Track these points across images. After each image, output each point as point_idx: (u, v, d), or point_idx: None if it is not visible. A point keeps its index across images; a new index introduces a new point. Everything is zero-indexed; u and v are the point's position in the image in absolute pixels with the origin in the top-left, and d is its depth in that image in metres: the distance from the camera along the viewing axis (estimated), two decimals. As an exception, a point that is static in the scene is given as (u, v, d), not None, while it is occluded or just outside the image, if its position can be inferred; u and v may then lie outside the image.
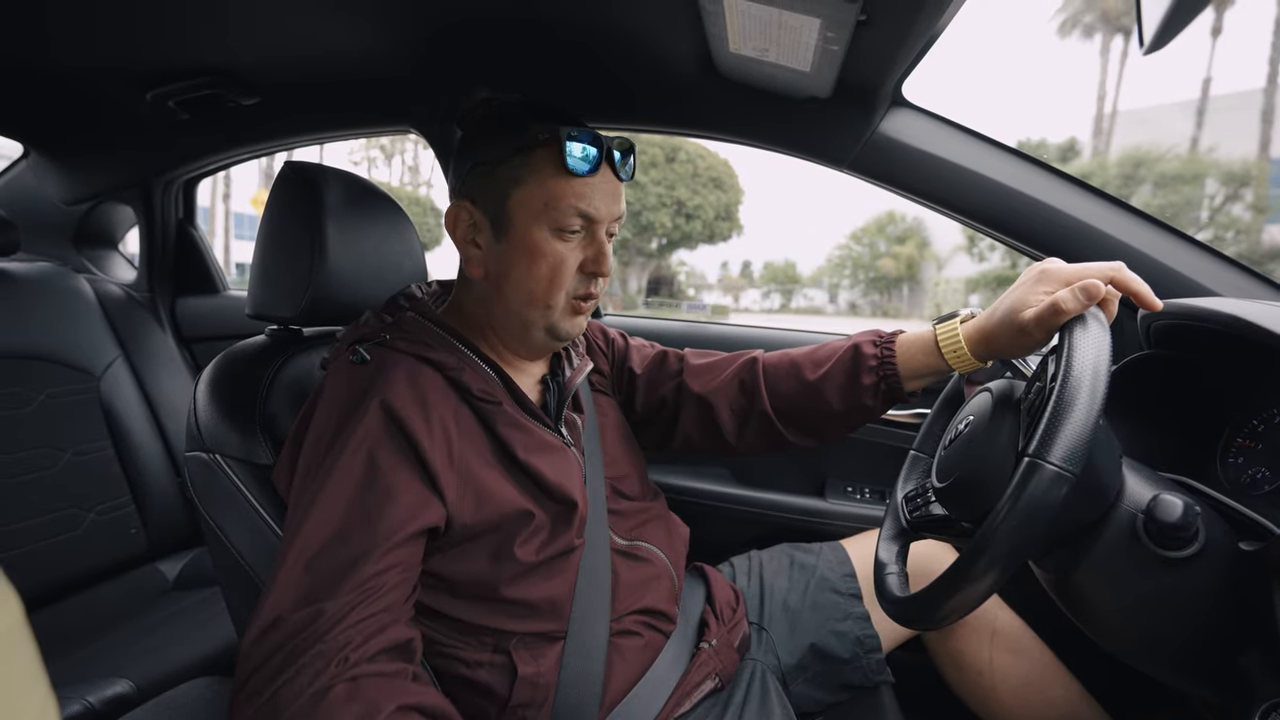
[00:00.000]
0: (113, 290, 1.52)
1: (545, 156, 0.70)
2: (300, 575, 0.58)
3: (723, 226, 22.42)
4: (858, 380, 0.81)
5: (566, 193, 0.70)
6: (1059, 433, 0.50)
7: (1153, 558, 0.57)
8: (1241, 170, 17.11)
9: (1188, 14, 0.47)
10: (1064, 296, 0.63)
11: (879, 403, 0.81)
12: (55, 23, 0.96)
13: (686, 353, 0.94)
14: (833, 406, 0.82)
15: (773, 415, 0.86)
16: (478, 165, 0.73)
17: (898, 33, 0.76)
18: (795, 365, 0.86)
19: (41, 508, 1.21)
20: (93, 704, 0.94)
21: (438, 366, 0.72)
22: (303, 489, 0.64)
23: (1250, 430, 0.70)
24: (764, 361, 0.89)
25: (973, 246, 22.68)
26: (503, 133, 0.72)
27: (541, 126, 0.70)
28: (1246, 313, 0.65)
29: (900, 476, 0.83)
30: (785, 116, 1.04)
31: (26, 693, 0.24)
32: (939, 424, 0.84)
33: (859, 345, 0.82)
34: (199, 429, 0.75)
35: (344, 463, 0.63)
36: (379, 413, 0.66)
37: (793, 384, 0.85)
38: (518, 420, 0.75)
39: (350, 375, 0.70)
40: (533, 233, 0.71)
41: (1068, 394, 0.51)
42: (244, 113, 1.26)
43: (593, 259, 0.73)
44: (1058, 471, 0.50)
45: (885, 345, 0.80)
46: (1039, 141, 24.44)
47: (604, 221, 0.73)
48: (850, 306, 35.15)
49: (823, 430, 0.86)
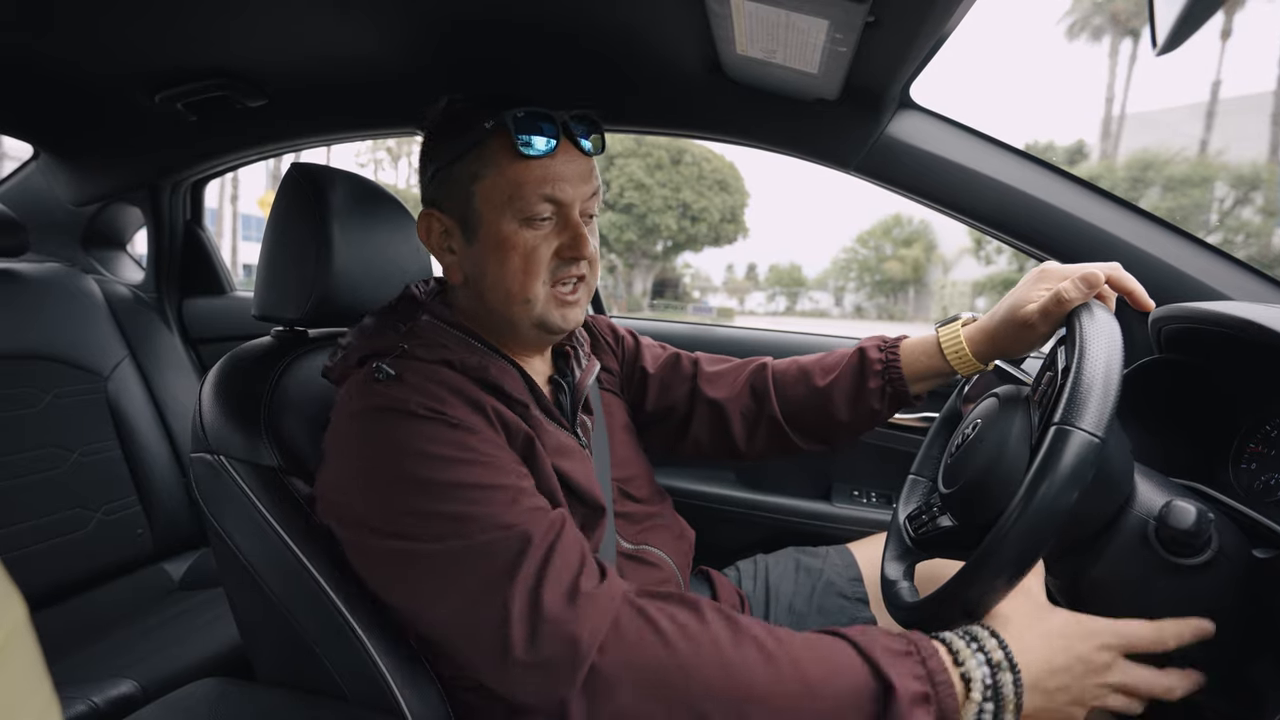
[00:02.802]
0: (120, 291, 1.53)
1: (499, 146, 0.67)
2: (515, 595, 0.55)
3: (728, 229, 22.44)
4: (864, 384, 0.82)
5: (527, 178, 0.67)
6: (1088, 399, 0.50)
7: (1164, 565, 0.56)
8: (1251, 173, 17.01)
9: (1201, 15, 0.47)
10: (1066, 286, 0.65)
11: (885, 406, 0.83)
12: (64, 25, 0.97)
13: (699, 357, 0.95)
14: (841, 411, 0.84)
15: (782, 421, 0.87)
16: (439, 170, 0.71)
17: (906, 34, 0.76)
18: (804, 371, 0.87)
19: (48, 508, 1.22)
20: (97, 704, 0.94)
21: (463, 369, 0.69)
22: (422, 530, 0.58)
23: (1263, 436, 0.69)
24: (773, 368, 0.90)
25: (979, 249, 22.61)
26: (455, 131, 0.70)
27: (488, 113, 0.67)
28: (1258, 316, 0.64)
29: (900, 499, 0.81)
30: (792, 118, 1.04)
31: (29, 694, 0.24)
32: (936, 446, 0.82)
33: (864, 350, 0.84)
34: (203, 430, 0.75)
35: (445, 483, 0.59)
36: (439, 424, 0.62)
37: (802, 389, 0.86)
38: (542, 422, 0.73)
39: (381, 397, 0.64)
40: (501, 226, 0.68)
41: (1088, 365, 0.51)
42: (251, 114, 1.27)
43: (568, 243, 0.69)
44: (1088, 436, 0.49)
45: (890, 350, 0.82)
46: (1047, 144, 24.36)
47: (574, 203, 0.69)
48: (856, 309, 35.10)
49: (831, 434, 0.87)
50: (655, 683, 0.53)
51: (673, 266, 28.76)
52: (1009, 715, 0.52)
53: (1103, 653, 0.55)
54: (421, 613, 0.61)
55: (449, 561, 0.57)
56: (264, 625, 0.75)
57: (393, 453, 0.61)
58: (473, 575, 0.57)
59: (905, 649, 0.53)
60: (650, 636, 0.54)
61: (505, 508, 0.59)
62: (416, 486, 0.59)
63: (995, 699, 0.52)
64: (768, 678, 0.52)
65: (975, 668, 0.52)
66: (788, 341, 1.38)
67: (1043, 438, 0.51)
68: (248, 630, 0.79)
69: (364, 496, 0.62)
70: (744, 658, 0.53)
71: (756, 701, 0.52)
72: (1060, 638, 0.55)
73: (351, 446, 0.64)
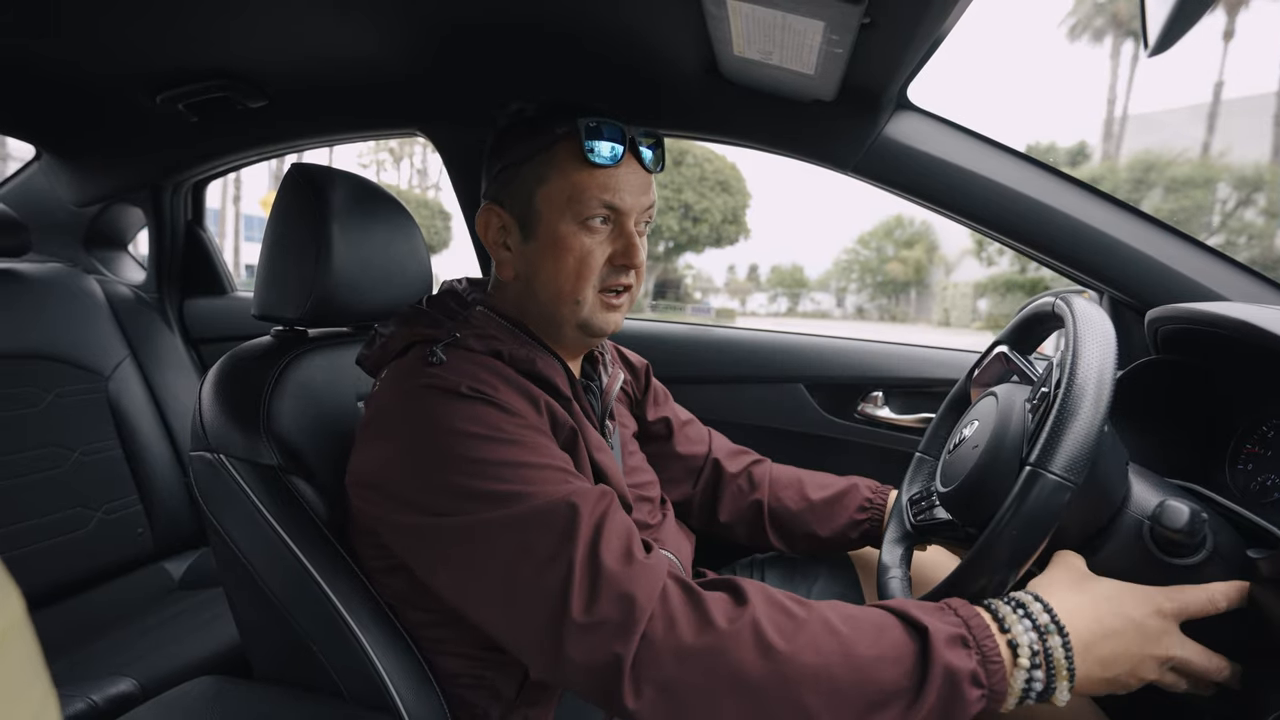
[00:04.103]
0: (122, 291, 1.53)
1: (567, 150, 0.69)
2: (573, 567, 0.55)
3: (730, 230, 22.42)
4: (850, 515, 0.92)
5: (590, 184, 0.69)
6: (1061, 442, 0.50)
7: (1159, 565, 0.56)
8: (1254, 175, 16.96)
9: (1192, 15, 0.47)
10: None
11: (859, 538, 0.92)
12: (65, 26, 0.97)
13: (712, 433, 1.04)
14: (821, 526, 0.94)
15: (765, 510, 0.96)
16: (505, 168, 0.73)
17: (902, 35, 0.76)
18: (800, 481, 0.98)
19: (49, 507, 1.22)
20: (96, 702, 0.95)
21: (511, 361, 0.70)
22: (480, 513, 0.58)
23: (1260, 437, 0.69)
24: (772, 466, 1.01)
25: (981, 251, 22.57)
26: (526, 134, 0.72)
27: (561, 120, 0.69)
28: (1256, 318, 0.64)
29: (905, 479, 0.83)
30: (789, 119, 1.04)
31: (26, 690, 0.24)
32: (944, 426, 0.83)
33: (859, 485, 0.95)
34: (203, 429, 0.76)
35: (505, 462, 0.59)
36: (489, 406, 0.63)
37: (794, 496, 0.96)
38: (583, 418, 0.74)
39: (433, 378, 0.64)
40: (559, 227, 0.70)
41: (1071, 403, 0.51)
42: (253, 115, 1.27)
43: (622, 251, 0.71)
44: (1059, 481, 0.50)
45: (879, 494, 0.93)
46: (1048, 145, 24.32)
47: (631, 213, 0.71)
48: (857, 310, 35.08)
49: (799, 541, 0.96)
50: (698, 655, 0.52)
51: (674, 267, 28.75)
52: (1062, 683, 0.50)
53: (1156, 619, 0.53)
54: (469, 590, 0.59)
55: (503, 530, 0.57)
56: (262, 624, 0.75)
57: (444, 430, 0.61)
58: (530, 543, 0.56)
59: (941, 608, 0.53)
60: (695, 612, 0.54)
61: (555, 484, 0.59)
62: (468, 463, 0.59)
63: (1046, 665, 0.50)
64: (815, 659, 0.51)
65: (1022, 633, 0.51)
66: (788, 342, 1.38)
67: (1019, 473, 0.52)
68: (246, 629, 0.79)
69: (413, 473, 0.61)
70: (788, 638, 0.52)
71: (805, 682, 0.51)
72: (1109, 601, 0.54)
73: (400, 425, 0.64)
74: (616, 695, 0.52)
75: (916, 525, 0.75)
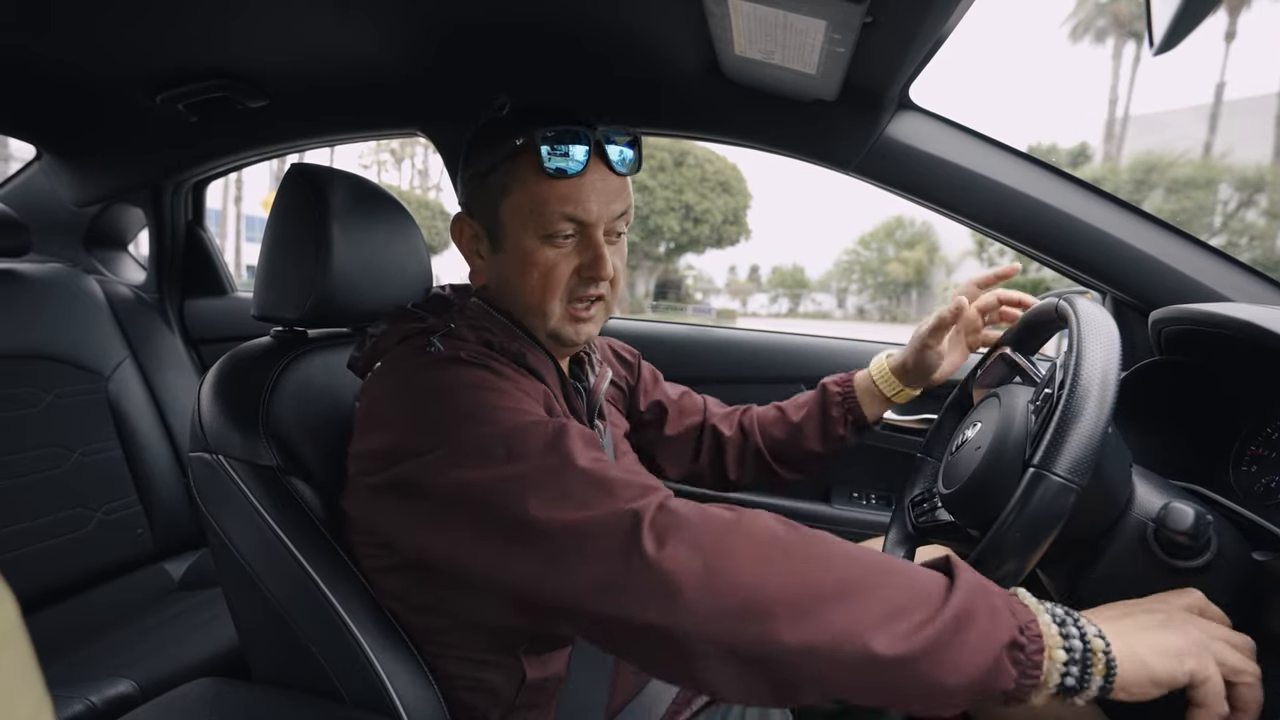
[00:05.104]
0: (122, 291, 1.53)
1: (527, 162, 0.67)
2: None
3: (730, 230, 22.41)
4: (829, 413, 0.95)
5: (550, 197, 0.66)
6: (1065, 444, 0.50)
7: (1163, 567, 0.56)
8: (1256, 175, 16.94)
9: (1198, 13, 0.47)
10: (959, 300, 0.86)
11: (849, 431, 0.94)
12: (65, 26, 0.97)
13: (706, 397, 1.05)
14: (813, 441, 0.95)
15: (766, 453, 0.98)
16: (473, 177, 0.72)
17: (904, 35, 0.76)
18: (781, 410, 1.00)
19: (48, 507, 1.22)
20: (95, 703, 0.94)
21: (503, 351, 0.69)
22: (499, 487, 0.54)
23: (1264, 438, 0.69)
24: (756, 410, 1.03)
25: (982, 251, 22.55)
26: (491, 141, 0.70)
27: (520, 129, 0.67)
28: (1260, 319, 0.64)
29: (908, 480, 0.82)
30: (791, 119, 1.03)
31: (21, 694, 0.24)
32: (946, 427, 0.83)
33: (825, 385, 0.97)
34: (202, 429, 0.76)
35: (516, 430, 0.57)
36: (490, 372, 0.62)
37: (780, 425, 0.98)
38: (570, 414, 0.74)
39: (433, 358, 0.64)
40: (523, 241, 0.69)
41: (1075, 404, 0.51)
42: (253, 115, 1.27)
43: (589, 264, 0.69)
44: (1063, 483, 0.49)
45: (845, 383, 0.96)
46: (1050, 146, 24.31)
47: (599, 223, 0.69)
48: (858, 311, 35.07)
49: (807, 463, 0.98)
50: (718, 516, 0.51)
51: (675, 268, 28.74)
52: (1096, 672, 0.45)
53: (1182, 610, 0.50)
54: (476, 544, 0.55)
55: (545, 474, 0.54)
56: (261, 625, 0.75)
57: (453, 387, 0.60)
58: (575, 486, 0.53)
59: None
60: (708, 511, 0.52)
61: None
62: (487, 415, 0.58)
63: (1080, 635, 0.46)
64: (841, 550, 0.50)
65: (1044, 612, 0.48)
66: (788, 342, 1.37)
67: (1022, 474, 0.52)
68: (245, 630, 0.79)
69: (439, 435, 0.58)
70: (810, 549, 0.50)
71: (834, 559, 0.49)
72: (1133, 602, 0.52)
73: (406, 397, 0.62)
74: (636, 545, 0.49)
75: (919, 526, 0.75)
